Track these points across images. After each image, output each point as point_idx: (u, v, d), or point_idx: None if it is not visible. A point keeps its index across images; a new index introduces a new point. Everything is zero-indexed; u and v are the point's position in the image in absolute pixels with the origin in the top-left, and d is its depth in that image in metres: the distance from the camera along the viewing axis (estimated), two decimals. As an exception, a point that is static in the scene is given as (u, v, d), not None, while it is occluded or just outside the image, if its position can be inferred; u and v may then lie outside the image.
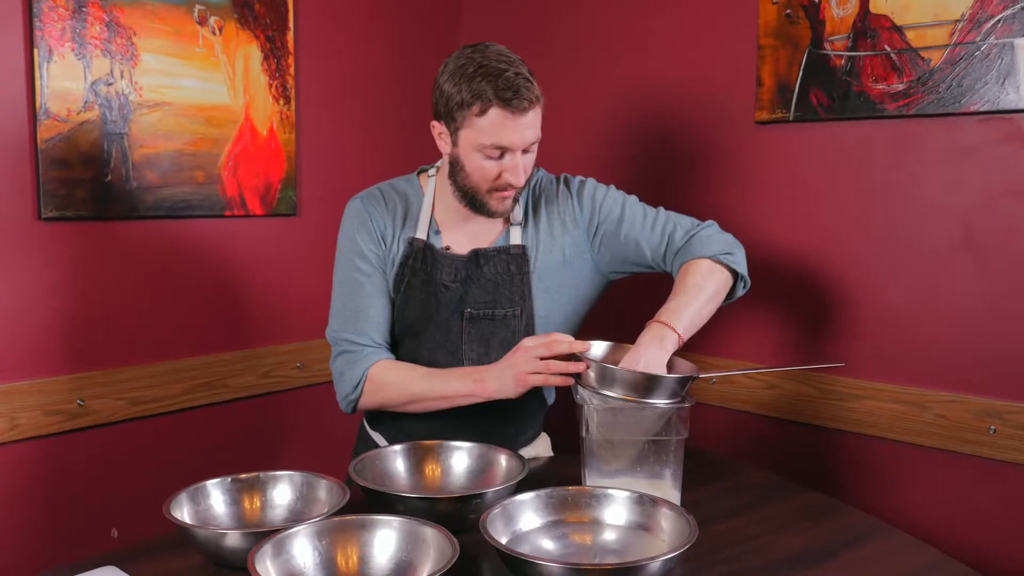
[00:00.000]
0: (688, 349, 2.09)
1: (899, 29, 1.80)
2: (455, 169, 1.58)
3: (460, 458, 1.50)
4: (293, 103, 2.31)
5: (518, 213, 1.66)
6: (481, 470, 1.48)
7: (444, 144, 1.58)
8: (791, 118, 1.97)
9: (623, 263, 1.69)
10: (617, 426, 1.43)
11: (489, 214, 1.59)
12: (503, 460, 1.47)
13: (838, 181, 1.94)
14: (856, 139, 1.90)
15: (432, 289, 1.62)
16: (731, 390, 2.12)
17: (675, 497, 1.43)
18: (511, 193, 1.57)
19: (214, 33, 2.14)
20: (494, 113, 1.47)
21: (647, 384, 1.39)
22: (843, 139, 1.92)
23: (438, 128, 1.58)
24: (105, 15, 1.95)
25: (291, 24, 2.29)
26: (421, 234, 1.63)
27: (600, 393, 1.41)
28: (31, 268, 1.92)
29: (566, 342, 1.47)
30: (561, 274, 1.66)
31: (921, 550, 1.32)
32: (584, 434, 1.43)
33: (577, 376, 1.45)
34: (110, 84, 1.98)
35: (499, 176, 1.53)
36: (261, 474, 1.39)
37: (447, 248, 1.64)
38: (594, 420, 1.43)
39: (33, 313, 1.93)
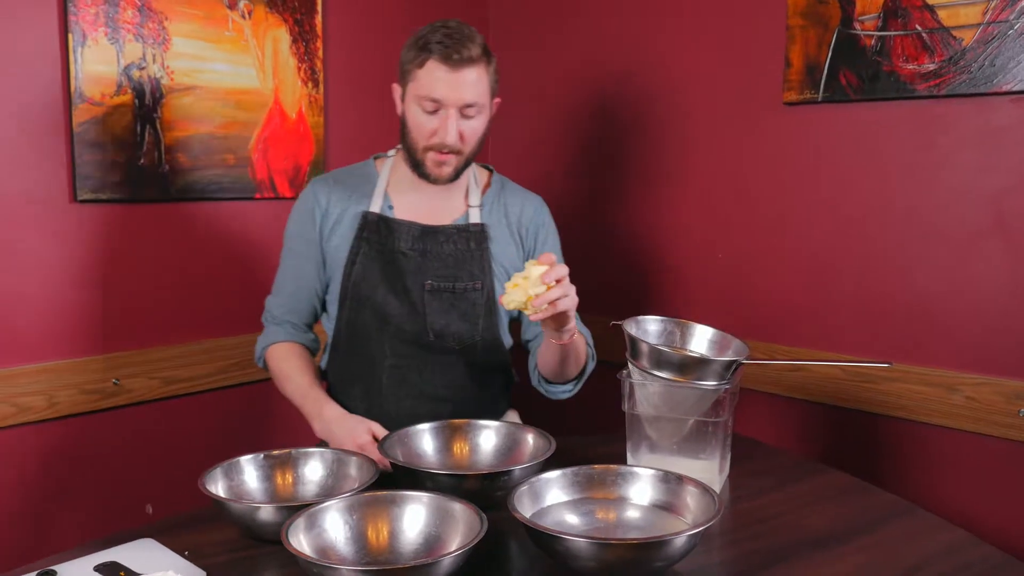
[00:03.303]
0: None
1: (931, 8, 1.78)
2: (402, 129, 1.63)
3: (488, 436, 1.52)
4: (321, 86, 2.32)
5: (476, 197, 1.71)
6: (509, 448, 1.50)
7: (399, 104, 1.65)
8: (820, 99, 1.95)
9: None
10: (662, 405, 1.43)
11: (427, 177, 1.63)
12: (530, 438, 1.48)
13: (867, 162, 1.92)
14: (886, 120, 1.88)
15: (390, 257, 1.66)
16: (757, 371, 2.12)
17: (718, 480, 1.43)
18: (448, 157, 1.60)
19: (244, 17, 2.16)
20: (431, 64, 1.54)
21: (692, 365, 1.40)
22: (873, 120, 1.90)
23: (397, 90, 1.65)
24: (137, 0, 1.98)
25: (319, 7, 2.30)
26: (375, 208, 1.68)
27: (647, 372, 1.42)
28: (67, 250, 1.96)
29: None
30: (515, 262, 1.73)
31: (948, 531, 1.32)
32: (626, 410, 1.45)
33: (634, 349, 1.46)
34: (142, 68, 2.01)
35: (434, 133, 1.58)
36: (293, 450, 1.42)
37: (400, 219, 1.69)
38: (638, 398, 1.44)
39: (68, 294, 1.97)
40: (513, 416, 1.83)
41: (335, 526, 1.16)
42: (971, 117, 1.77)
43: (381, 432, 1.50)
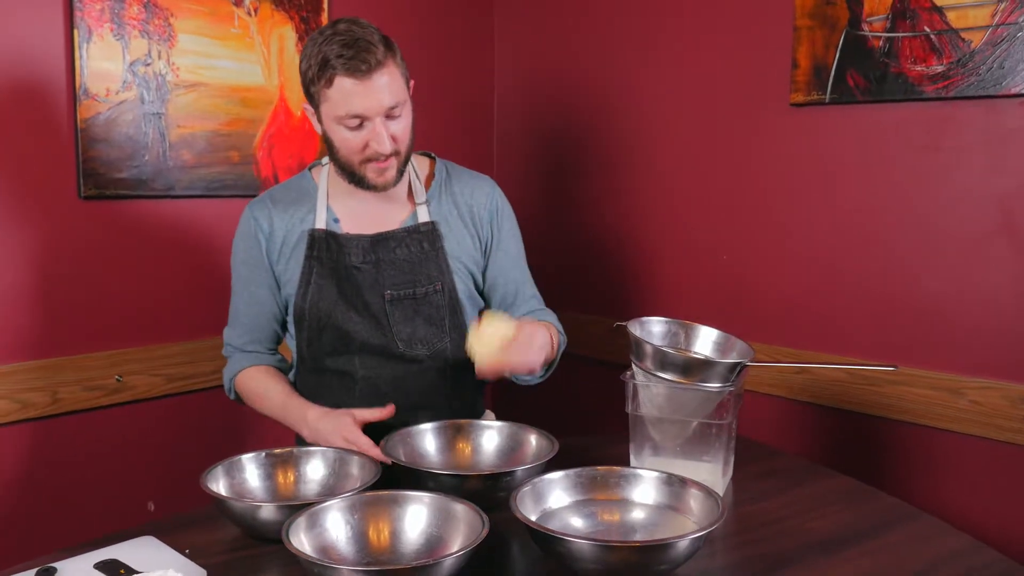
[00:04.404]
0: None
1: (939, 10, 1.77)
2: (329, 148, 1.56)
3: (491, 436, 1.52)
4: (327, 84, 2.32)
5: (421, 193, 1.64)
6: (511, 449, 1.49)
7: (316, 125, 1.57)
8: (827, 100, 1.94)
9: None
10: (665, 407, 1.43)
11: (371, 188, 1.56)
12: (533, 439, 1.48)
13: (874, 164, 1.91)
14: (893, 122, 1.88)
15: (344, 273, 1.60)
16: (762, 374, 2.11)
17: (722, 482, 1.42)
18: (388, 163, 1.53)
19: (249, 14, 2.16)
20: (339, 81, 1.45)
21: (697, 367, 1.39)
22: (880, 122, 1.89)
23: (309, 111, 1.56)
24: (143, -4, 1.98)
25: (325, 5, 2.29)
26: (320, 224, 1.61)
27: (650, 373, 1.41)
28: (71, 246, 1.96)
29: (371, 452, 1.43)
30: (472, 254, 1.67)
31: (953, 535, 1.31)
32: (630, 411, 1.44)
33: (638, 351, 1.44)
34: (148, 65, 2.00)
35: (366, 146, 1.51)
36: (295, 449, 1.41)
37: (347, 232, 1.62)
38: (641, 399, 1.43)
39: (73, 290, 1.97)
40: (489, 417, 1.78)
41: (336, 526, 1.16)
42: (979, 119, 1.76)
43: (363, 416, 1.47)
